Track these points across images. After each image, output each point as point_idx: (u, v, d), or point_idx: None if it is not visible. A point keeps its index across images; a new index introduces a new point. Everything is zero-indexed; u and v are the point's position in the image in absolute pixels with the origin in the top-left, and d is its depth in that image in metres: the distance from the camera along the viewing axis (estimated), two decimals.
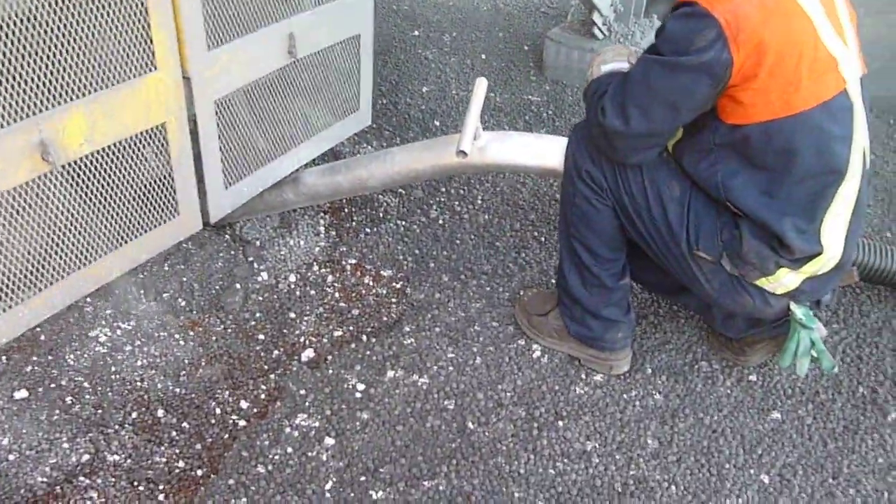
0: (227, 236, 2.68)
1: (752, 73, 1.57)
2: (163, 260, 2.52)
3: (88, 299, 2.31)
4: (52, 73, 1.73)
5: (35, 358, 2.17)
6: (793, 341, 1.88)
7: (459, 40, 4.10)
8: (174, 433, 2.02)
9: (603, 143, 1.81)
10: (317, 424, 2.02)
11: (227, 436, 2.02)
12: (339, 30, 2.49)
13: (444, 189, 2.90)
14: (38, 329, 2.21)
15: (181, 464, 1.94)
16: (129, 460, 1.94)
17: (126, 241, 2.09)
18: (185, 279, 2.49)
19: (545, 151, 2.26)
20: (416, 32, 4.19)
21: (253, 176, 2.40)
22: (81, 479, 1.88)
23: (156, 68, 1.94)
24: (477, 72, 3.76)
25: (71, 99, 1.80)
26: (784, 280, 1.79)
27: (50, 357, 2.18)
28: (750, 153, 1.68)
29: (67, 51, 1.74)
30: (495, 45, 4.04)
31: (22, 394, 2.08)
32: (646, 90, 1.67)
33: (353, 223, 2.75)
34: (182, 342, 2.29)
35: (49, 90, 1.74)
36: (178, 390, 2.14)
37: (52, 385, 2.12)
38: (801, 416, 2.09)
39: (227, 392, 2.14)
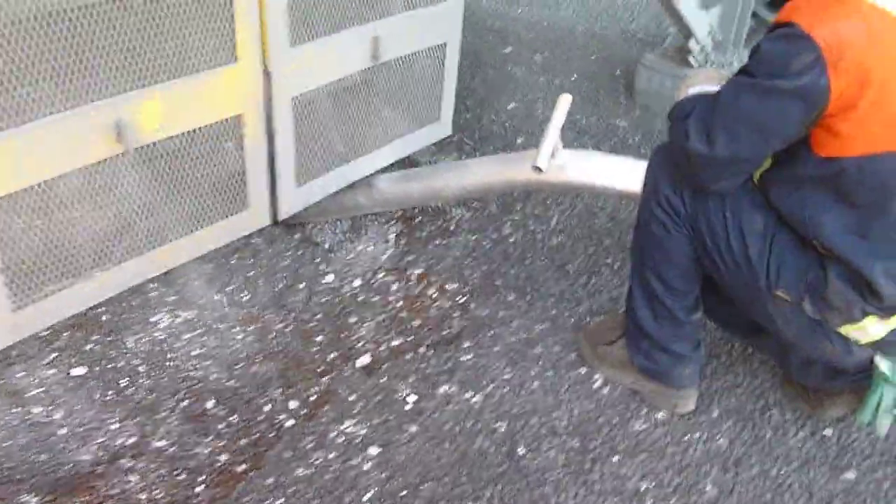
0: (297, 236, 2.67)
1: (851, 103, 1.46)
2: (231, 253, 2.52)
3: (153, 284, 2.32)
4: (133, 55, 1.75)
5: (96, 337, 2.19)
6: (875, 396, 1.73)
7: (550, 60, 4.04)
8: (221, 426, 2.00)
9: (684, 167, 1.72)
10: (363, 432, 1.97)
11: (272, 434, 1.99)
12: (425, 37, 2.47)
13: (519, 207, 2.84)
14: (102, 308, 2.24)
15: (224, 457, 1.92)
16: (173, 447, 1.93)
17: (194, 229, 2.10)
18: (250, 274, 2.48)
19: (627, 174, 2.18)
20: (508, 49, 4.14)
21: (326, 176, 2.39)
22: (124, 461, 1.88)
23: (236, 60, 1.94)
24: (565, 92, 3.68)
25: (150, 83, 1.81)
26: (870, 329, 1.65)
27: (110, 338, 2.20)
28: (843, 189, 1.56)
29: (150, 35, 1.76)
30: (587, 67, 3.96)
31: (79, 371, 2.10)
32: (734, 113, 1.57)
33: (424, 233, 2.70)
34: (240, 336, 2.28)
35: (129, 73, 1.76)
36: (230, 383, 2.12)
37: (109, 365, 2.13)
38: (877, 478, 1.93)
39: (279, 390, 2.11)
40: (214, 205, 2.10)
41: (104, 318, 2.25)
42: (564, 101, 2.20)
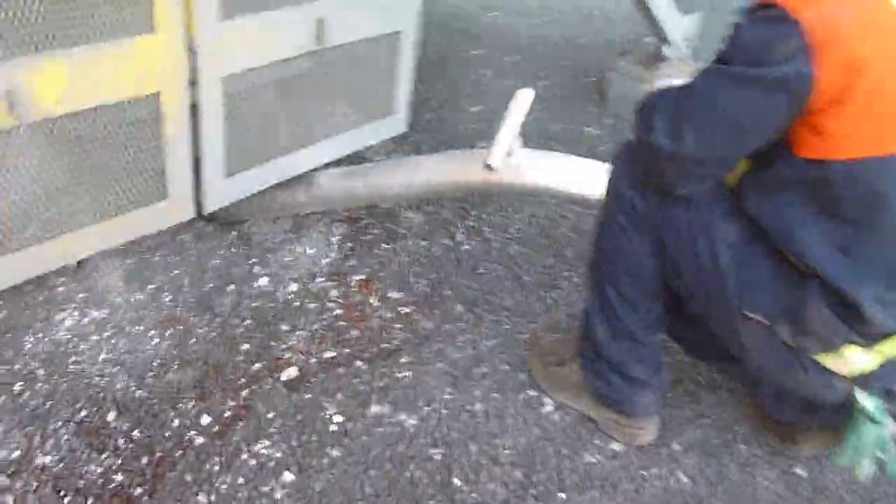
0: (232, 234, 2.45)
1: (840, 97, 1.27)
2: (155, 248, 2.30)
3: (62, 278, 2.09)
4: (29, 13, 1.52)
5: None
6: (855, 436, 1.54)
7: (521, 65, 3.86)
8: (121, 440, 1.77)
9: (649, 166, 1.52)
10: (278, 455, 1.74)
11: (178, 453, 1.75)
12: (376, 23, 2.27)
13: (475, 213, 2.63)
14: (0, 303, 2.00)
15: (118, 477, 1.68)
16: (61, 464, 1.69)
17: (104, 218, 1.87)
18: (175, 272, 2.26)
19: (589, 178, 1.98)
20: (477, 52, 3.96)
21: (261, 168, 2.17)
22: (1, 479, 1.64)
23: (153, 30, 1.72)
24: (535, 100, 3.50)
25: (50, 48, 1.58)
26: (852, 359, 1.46)
27: (7, 336, 1.97)
28: (827, 198, 1.37)
29: None
30: (559, 73, 3.79)
31: None
32: (707, 106, 1.37)
33: (369, 237, 2.49)
34: (156, 340, 2.04)
35: (23, 34, 1.53)
36: (138, 393, 1.89)
37: (4, 367, 1.90)
38: None
39: (192, 402, 1.88)
40: (127, 192, 1.87)
41: (1, 313, 2.01)
42: (524, 96, 2.01)
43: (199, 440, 1.79)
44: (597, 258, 1.73)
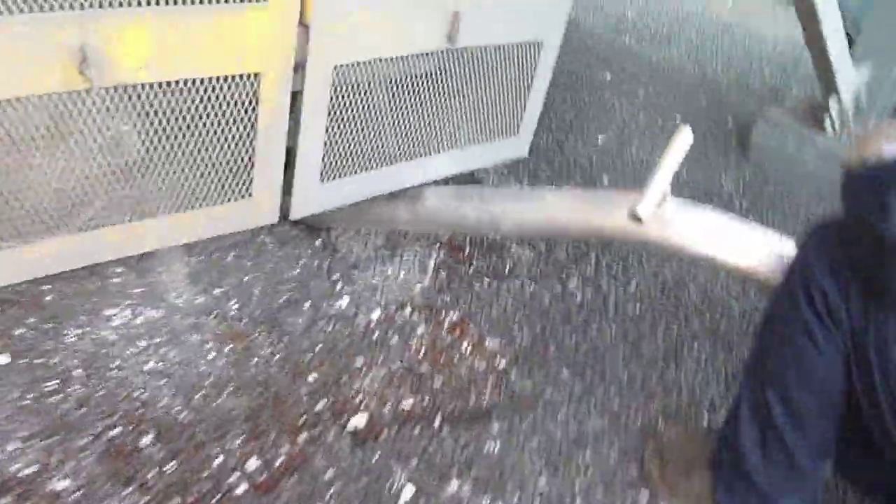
0: (318, 241, 2.17)
1: None
2: (229, 248, 2.03)
3: (120, 268, 1.84)
4: None
5: (32, 320, 1.72)
6: None
7: (654, 96, 3.50)
8: (152, 474, 1.49)
9: (867, 259, 1.16)
10: None
11: (213, 500, 1.47)
12: (518, 27, 1.95)
13: (593, 257, 2.29)
14: (48, 286, 1.76)
15: None
16: (77, 493, 1.42)
17: (175, 209, 1.60)
18: (247, 278, 1.99)
19: (749, 243, 1.62)
20: (608, 76, 3.62)
21: (361, 177, 1.88)
22: (4, 500, 1.38)
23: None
24: (668, 135, 3.13)
25: (135, 4, 1.32)
26: None
27: (49, 325, 1.72)
28: None
29: None
30: (694, 112, 3.41)
31: (3, 359, 1.63)
32: None
33: (471, 269, 2.17)
34: (213, 354, 1.77)
35: None
36: (182, 416, 1.62)
37: (40, 360, 1.65)
38: None
39: (241, 438, 1.60)
40: (207, 183, 1.60)
41: (48, 297, 1.77)
42: (684, 138, 1.66)
43: (242, 488, 1.50)
44: (761, 354, 1.37)
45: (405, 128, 1.90)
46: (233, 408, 1.66)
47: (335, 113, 1.72)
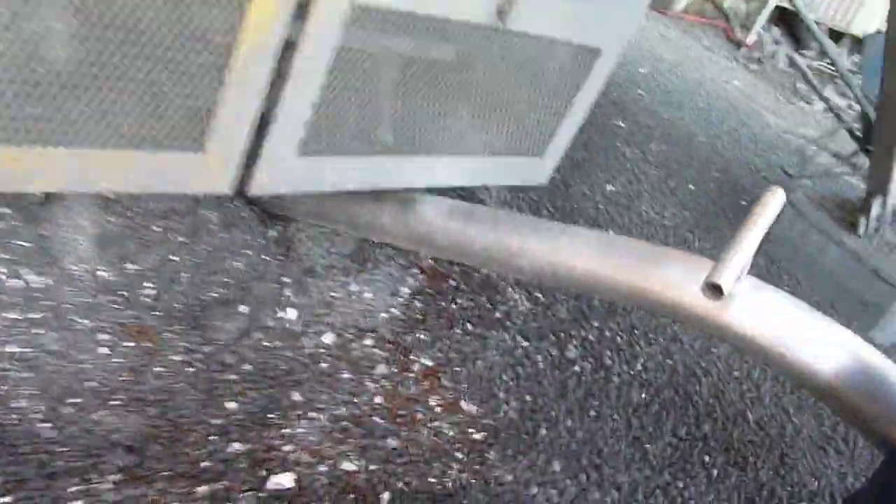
0: (272, 232, 1.73)
1: None
2: (158, 215, 1.57)
3: (5, 210, 1.37)
4: None
5: None
6: None
7: (667, 156, 3.19)
8: None
9: None
10: None
11: None
12: (581, 26, 1.57)
13: (596, 324, 1.89)
14: None
15: None
16: None
17: (90, 143, 1.14)
18: (173, 259, 1.53)
19: (824, 345, 1.24)
20: (622, 123, 3.28)
21: (350, 160, 1.45)
22: None
23: None
24: (679, 201, 2.80)
25: None
26: None
27: None
28: None
29: None
30: (707, 182, 3.14)
31: None
32: None
33: (454, 305, 1.75)
34: (104, 350, 1.32)
35: None
36: (40, 428, 1.15)
37: None
38: None
39: (113, 479, 1.13)
40: (146, 117, 1.15)
41: None
42: (776, 201, 1.28)
43: None
44: None
45: (413, 116, 1.48)
46: (111, 430, 1.20)
47: (334, 76, 1.29)
